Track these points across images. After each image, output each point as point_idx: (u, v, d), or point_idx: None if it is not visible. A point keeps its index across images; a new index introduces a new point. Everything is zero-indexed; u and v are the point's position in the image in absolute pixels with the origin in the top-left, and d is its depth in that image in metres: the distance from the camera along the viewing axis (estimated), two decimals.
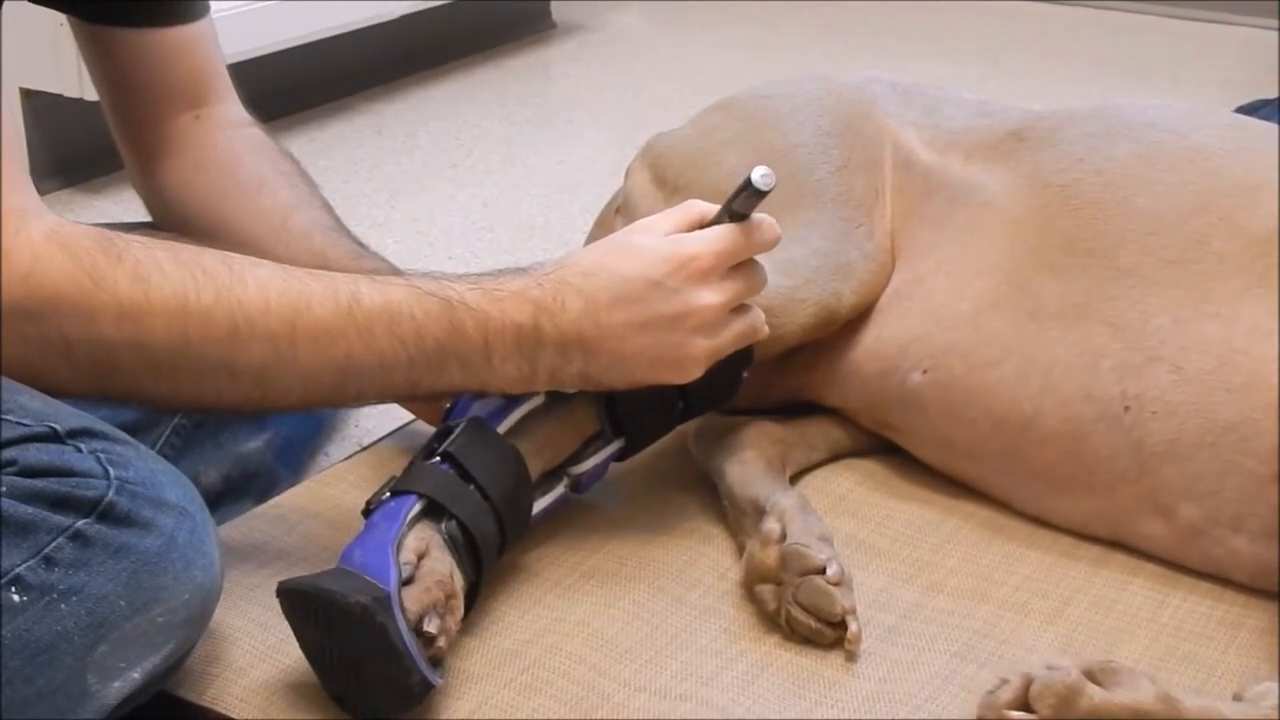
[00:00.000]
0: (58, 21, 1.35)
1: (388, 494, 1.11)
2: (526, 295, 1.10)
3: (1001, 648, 1.14)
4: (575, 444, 1.22)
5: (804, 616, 1.12)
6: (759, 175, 1.11)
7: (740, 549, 1.21)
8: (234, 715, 1.06)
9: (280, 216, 1.33)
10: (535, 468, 1.19)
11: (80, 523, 0.94)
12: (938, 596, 1.20)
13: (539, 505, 1.19)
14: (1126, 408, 1.21)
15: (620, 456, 1.25)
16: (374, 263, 1.31)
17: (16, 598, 0.92)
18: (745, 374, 1.24)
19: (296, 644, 1.06)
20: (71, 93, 2.09)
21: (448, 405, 1.22)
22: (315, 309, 1.04)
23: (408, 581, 1.03)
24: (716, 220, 1.15)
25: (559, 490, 1.22)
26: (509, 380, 1.12)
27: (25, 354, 0.99)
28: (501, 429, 1.17)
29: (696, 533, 1.27)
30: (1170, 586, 1.21)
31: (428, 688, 1.02)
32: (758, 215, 1.15)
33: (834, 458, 1.37)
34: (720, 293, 1.13)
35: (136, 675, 0.96)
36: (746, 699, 1.08)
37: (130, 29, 1.31)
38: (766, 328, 1.19)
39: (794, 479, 1.32)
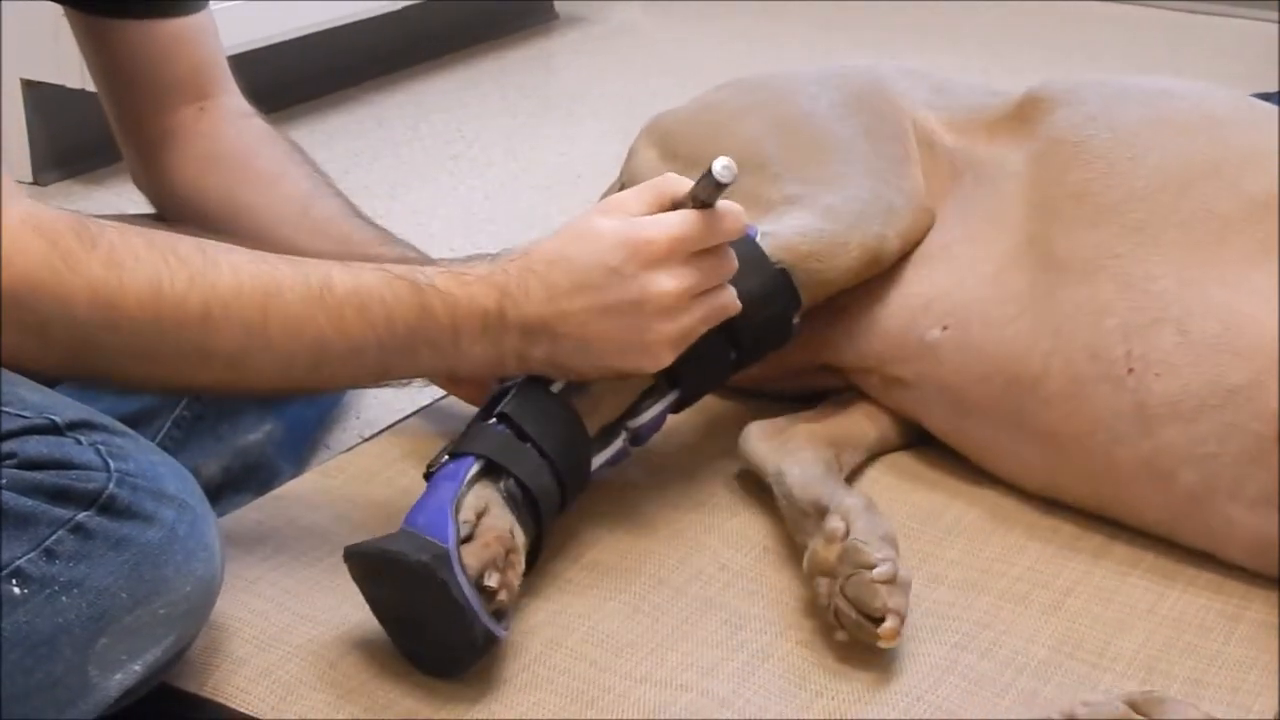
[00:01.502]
0: (59, 12, 1.35)
1: (446, 456, 1.13)
2: (492, 280, 1.11)
3: (1002, 638, 1.14)
4: (631, 398, 1.23)
5: (847, 608, 1.11)
6: (720, 167, 1.10)
7: (800, 549, 1.21)
8: (234, 705, 1.06)
9: (301, 204, 1.33)
10: (593, 423, 1.20)
11: (81, 515, 0.94)
12: (938, 588, 1.20)
13: (599, 459, 1.21)
14: (1130, 369, 1.22)
15: (676, 408, 1.26)
16: (401, 248, 1.31)
17: (17, 590, 0.92)
18: (795, 320, 1.26)
19: (294, 635, 1.07)
20: (73, 84, 2.09)
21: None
22: (287, 294, 1.05)
23: (468, 539, 1.06)
24: (682, 204, 1.15)
25: (618, 444, 1.23)
26: (477, 362, 1.12)
27: (3, 337, 0.98)
28: (555, 387, 1.18)
29: (697, 524, 1.27)
30: (1170, 579, 1.21)
31: (492, 639, 1.05)
32: (723, 203, 1.14)
33: (870, 458, 1.38)
34: (677, 279, 1.12)
35: (137, 667, 0.96)
36: (747, 690, 1.08)
37: (132, 21, 1.31)
38: (738, 305, 1.18)
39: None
